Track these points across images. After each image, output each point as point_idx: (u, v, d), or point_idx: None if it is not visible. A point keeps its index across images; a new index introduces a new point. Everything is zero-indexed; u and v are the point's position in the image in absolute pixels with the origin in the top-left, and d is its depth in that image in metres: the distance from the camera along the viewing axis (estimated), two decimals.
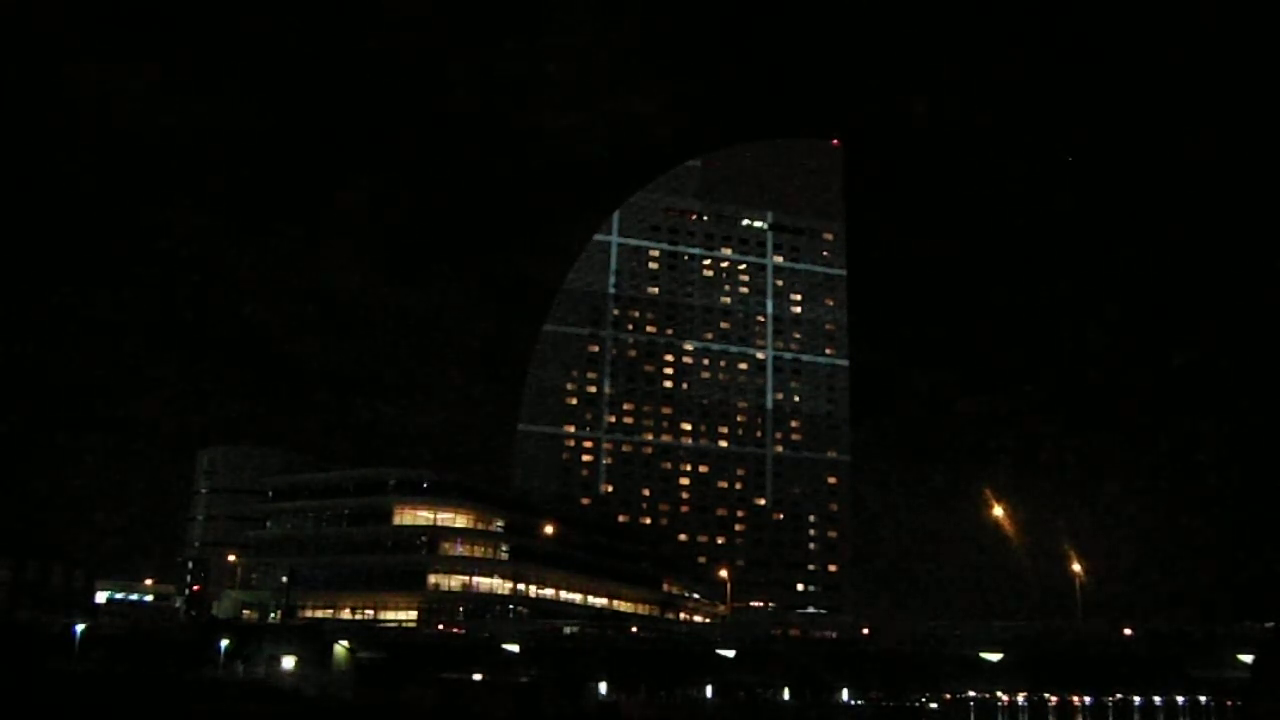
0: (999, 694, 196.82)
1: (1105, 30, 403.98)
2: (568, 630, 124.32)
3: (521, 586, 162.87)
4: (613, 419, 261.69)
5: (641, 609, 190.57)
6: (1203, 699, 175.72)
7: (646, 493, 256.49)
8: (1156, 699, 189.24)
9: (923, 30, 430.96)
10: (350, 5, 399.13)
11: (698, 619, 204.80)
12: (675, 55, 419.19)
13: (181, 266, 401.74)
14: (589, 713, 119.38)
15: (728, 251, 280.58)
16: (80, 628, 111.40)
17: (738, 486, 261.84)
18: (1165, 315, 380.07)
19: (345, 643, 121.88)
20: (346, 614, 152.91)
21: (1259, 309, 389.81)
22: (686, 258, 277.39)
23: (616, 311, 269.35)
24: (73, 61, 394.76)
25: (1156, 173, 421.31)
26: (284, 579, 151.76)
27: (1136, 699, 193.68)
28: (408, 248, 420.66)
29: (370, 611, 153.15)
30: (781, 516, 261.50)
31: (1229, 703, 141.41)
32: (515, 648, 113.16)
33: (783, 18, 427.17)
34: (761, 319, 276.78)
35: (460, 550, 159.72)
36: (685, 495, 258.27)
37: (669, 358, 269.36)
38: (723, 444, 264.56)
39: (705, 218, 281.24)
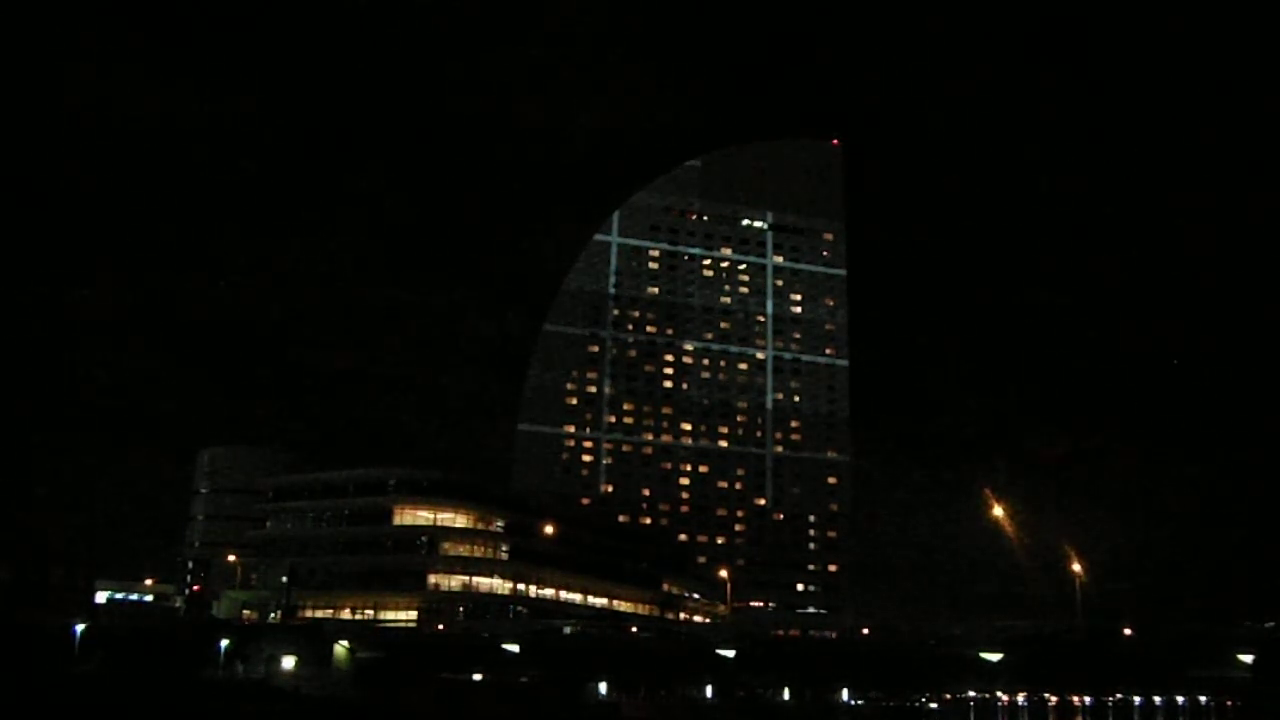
0: (999, 694, 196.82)
1: (1104, 30, 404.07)
2: (568, 630, 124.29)
3: (521, 586, 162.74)
4: (613, 419, 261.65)
5: (641, 609, 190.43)
6: (1203, 699, 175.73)
7: (646, 493, 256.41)
8: (1156, 699, 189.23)
9: (923, 30, 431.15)
10: (352, 5, 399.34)
11: (698, 619, 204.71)
12: (675, 55, 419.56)
13: (182, 266, 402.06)
14: (589, 713, 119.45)
15: (728, 251, 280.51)
16: (80, 628, 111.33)
17: (738, 486, 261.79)
18: (1166, 316, 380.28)
19: (345, 643, 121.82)
20: (346, 614, 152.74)
21: (1259, 309, 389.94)
22: (686, 258, 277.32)
23: (616, 311, 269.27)
24: (75, 61, 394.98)
25: (1157, 172, 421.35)
26: (284, 579, 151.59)
27: (1136, 699, 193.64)
28: (408, 247, 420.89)
29: (370, 611, 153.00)
30: (781, 516, 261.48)
31: (1229, 703, 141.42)
32: (515, 648, 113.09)
33: (783, 17, 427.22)
34: (761, 319, 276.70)
35: (460, 550, 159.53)
36: (685, 495, 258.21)
37: (669, 358, 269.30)
38: (723, 444, 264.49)
39: (705, 218, 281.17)
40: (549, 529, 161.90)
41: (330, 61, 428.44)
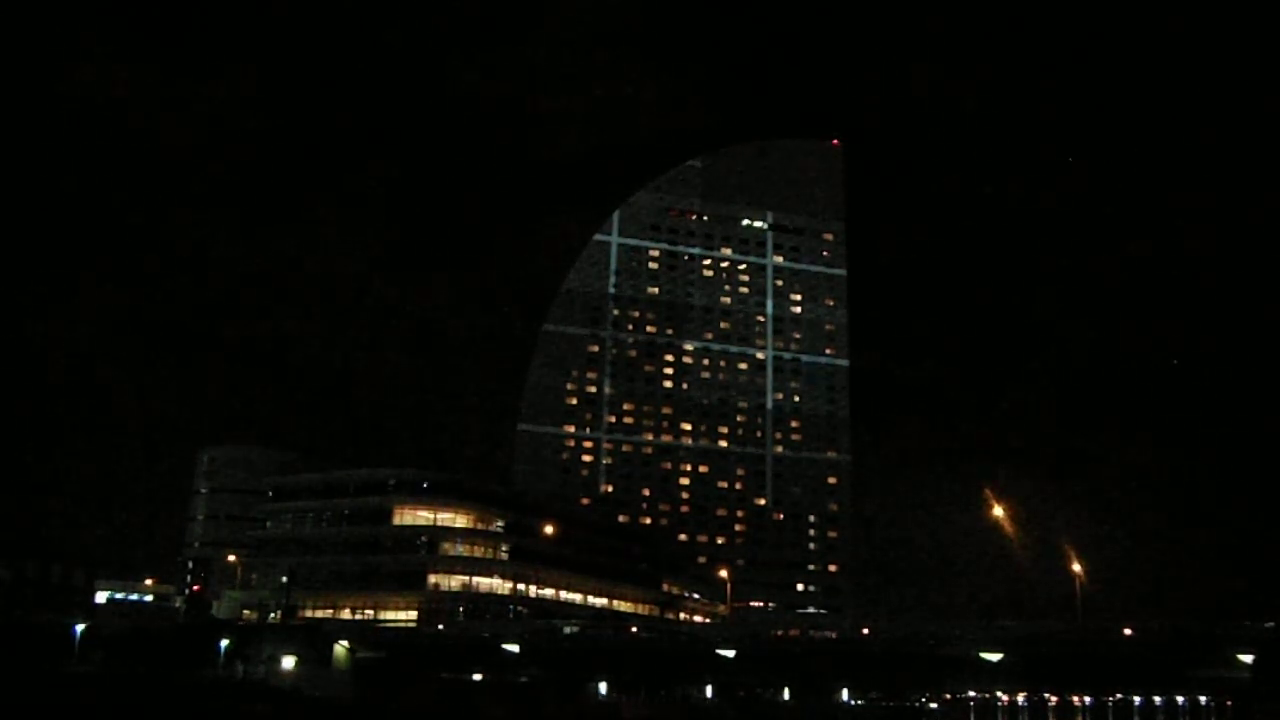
0: (999, 694, 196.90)
1: (1104, 29, 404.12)
2: (568, 630, 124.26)
3: (521, 586, 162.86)
4: (613, 419, 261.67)
5: (641, 609, 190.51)
6: (1203, 699, 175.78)
7: (646, 493, 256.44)
8: (1156, 699, 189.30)
9: (923, 30, 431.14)
10: (351, 4, 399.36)
11: (698, 619, 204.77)
12: (675, 55, 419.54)
13: (182, 265, 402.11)
14: (589, 713, 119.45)
15: (728, 251, 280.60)
16: (80, 628, 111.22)
17: (738, 486, 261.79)
18: (1166, 315, 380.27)
19: (345, 643, 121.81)
20: (346, 614, 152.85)
21: (1260, 309, 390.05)
22: (686, 258, 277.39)
23: (616, 311, 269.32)
24: (75, 60, 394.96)
25: (1157, 172, 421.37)
26: (284, 579, 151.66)
27: (1136, 699, 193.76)
28: (408, 247, 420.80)
29: (370, 611, 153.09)
30: (781, 516, 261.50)
31: (1229, 703, 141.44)
32: (515, 648, 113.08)
33: (783, 17, 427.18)
34: (761, 319, 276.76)
35: (460, 550, 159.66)
36: (685, 495, 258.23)
37: (669, 358, 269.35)
38: (723, 444, 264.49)
39: (705, 218, 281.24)
40: (549, 529, 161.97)
41: (330, 60, 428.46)
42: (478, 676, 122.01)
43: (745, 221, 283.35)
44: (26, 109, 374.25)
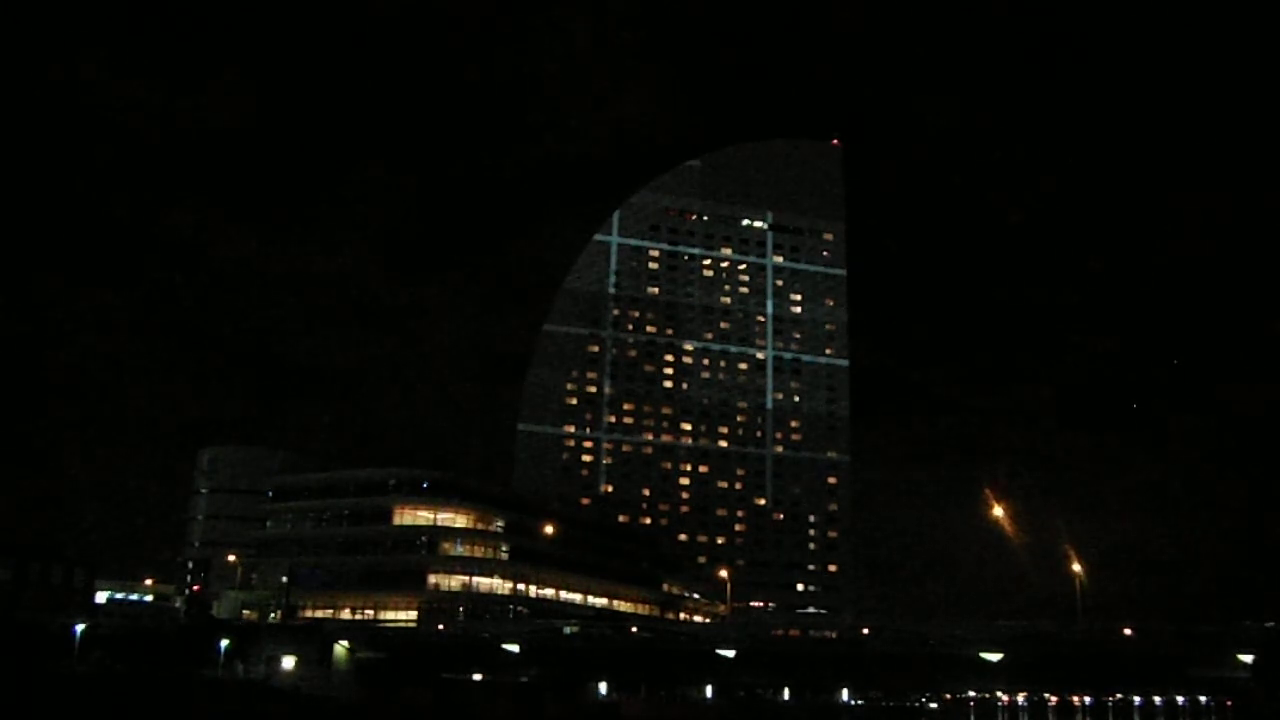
0: (999, 694, 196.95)
1: (1104, 31, 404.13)
2: (568, 630, 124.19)
3: (521, 586, 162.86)
4: (613, 419, 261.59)
5: (641, 609, 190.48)
6: (1203, 699, 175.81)
7: (646, 493, 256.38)
8: (1156, 699, 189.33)
9: (923, 30, 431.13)
10: (353, 4, 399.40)
11: (698, 619, 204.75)
12: (676, 55, 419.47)
13: (182, 265, 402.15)
14: (589, 713, 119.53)
15: (728, 251, 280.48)
16: (80, 628, 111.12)
17: (738, 486, 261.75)
18: (1167, 316, 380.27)
19: (345, 643, 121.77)
20: (346, 614, 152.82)
21: (1260, 309, 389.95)
22: (686, 258, 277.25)
23: (616, 311, 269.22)
24: (74, 59, 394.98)
25: (1157, 171, 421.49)
26: (284, 579, 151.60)
27: (1136, 699, 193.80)
28: (408, 247, 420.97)
29: (370, 611, 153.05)
30: (781, 516, 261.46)
31: (1229, 703, 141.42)
32: (515, 648, 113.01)
33: (783, 17, 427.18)
34: (761, 319, 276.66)
35: (460, 550, 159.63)
36: (685, 495, 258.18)
37: (669, 358, 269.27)
38: (723, 444, 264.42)
39: (705, 218, 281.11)
40: (549, 529, 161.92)
41: (333, 60, 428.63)
42: (478, 676, 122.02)
43: (745, 221, 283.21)
44: (27, 110, 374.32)
